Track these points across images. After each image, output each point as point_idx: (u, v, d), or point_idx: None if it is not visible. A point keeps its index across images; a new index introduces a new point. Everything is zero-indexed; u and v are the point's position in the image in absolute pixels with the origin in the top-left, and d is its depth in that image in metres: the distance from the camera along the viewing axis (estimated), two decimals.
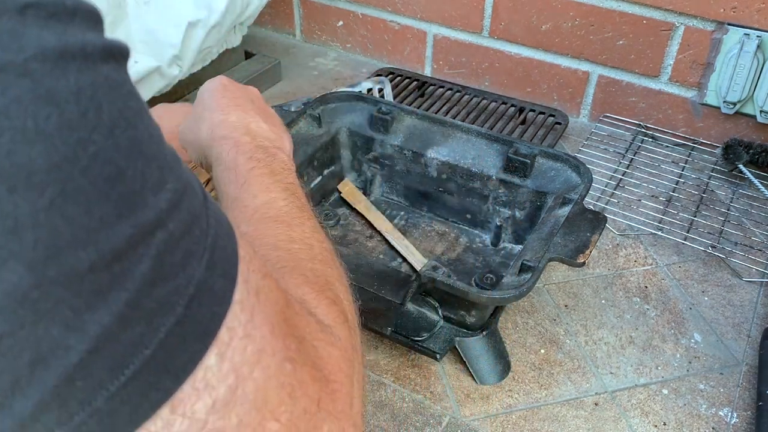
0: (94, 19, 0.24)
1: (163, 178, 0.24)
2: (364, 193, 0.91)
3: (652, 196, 0.96)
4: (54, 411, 0.21)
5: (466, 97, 1.16)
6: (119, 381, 0.22)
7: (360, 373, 0.36)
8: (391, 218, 0.88)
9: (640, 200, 0.95)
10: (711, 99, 1.02)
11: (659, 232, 0.89)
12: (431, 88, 1.19)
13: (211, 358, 0.25)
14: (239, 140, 0.49)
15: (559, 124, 1.10)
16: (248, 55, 1.23)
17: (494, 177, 0.81)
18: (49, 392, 0.21)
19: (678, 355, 0.74)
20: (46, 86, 0.21)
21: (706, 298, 0.81)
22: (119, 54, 0.24)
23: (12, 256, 0.20)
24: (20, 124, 0.20)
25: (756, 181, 0.96)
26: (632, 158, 1.03)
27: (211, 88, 0.57)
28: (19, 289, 0.20)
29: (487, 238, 0.85)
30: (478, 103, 1.14)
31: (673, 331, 0.77)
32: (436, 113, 1.09)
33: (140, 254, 0.22)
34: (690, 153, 1.04)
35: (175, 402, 0.24)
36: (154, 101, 1.04)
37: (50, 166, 0.21)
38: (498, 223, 0.84)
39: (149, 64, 0.95)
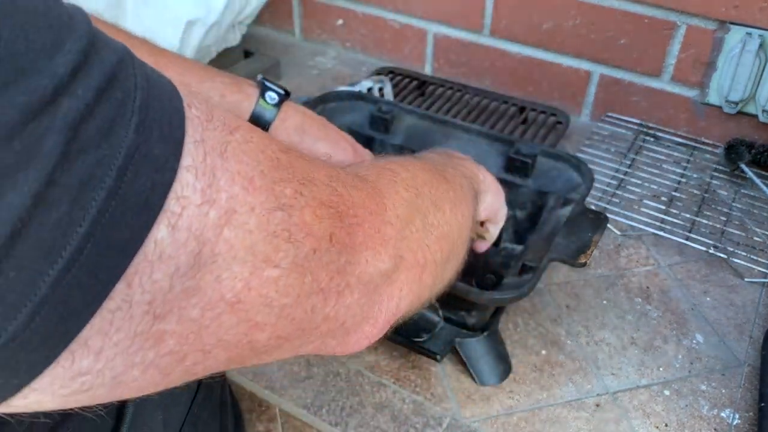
0: None
1: (59, 38, 0.21)
2: None
3: (654, 195, 0.95)
4: None
5: (467, 96, 1.16)
6: (58, 264, 0.21)
7: (423, 224, 0.37)
8: None
9: (641, 200, 0.94)
10: (713, 98, 1.02)
11: (661, 232, 0.89)
12: (431, 87, 1.18)
13: (161, 230, 0.23)
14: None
15: (561, 123, 1.09)
16: (247, 54, 1.23)
17: (495, 177, 0.81)
18: None
19: (680, 356, 0.74)
20: None
21: (708, 299, 0.81)
22: None
23: None
24: None
25: (758, 181, 0.95)
26: (634, 158, 1.02)
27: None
28: None
29: None
30: (479, 103, 1.14)
31: (674, 331, 0.76)
32: (436, 113, 1.08)
33: (44, 127, 0.20)
34: (692, 152, 1.04)
35: (127, 276, 0.23)
36: None
37: None
38: None
39: None
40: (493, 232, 0.67)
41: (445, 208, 0.43)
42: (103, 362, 0.23)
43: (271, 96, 0.64)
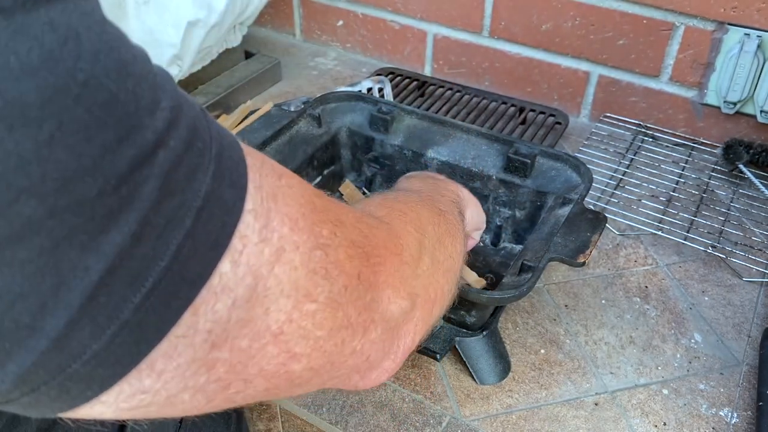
0: None
1: (156, 97, 0.24)
2: (364, 194, 0.91)
3: (653, 195, 0.96)
4: (86, 327, 0.23)
5: (466, 96, 1.16)
6: (141, 293, 0.24)
7: (430, 264, 0.41)
8: None
9: (640, 200, 0.95)
10: (711, 99, 1.02)
11: (659, 232, 0.89)
12: (431, 87, 1.19)
13: (225, 265, 0.26)
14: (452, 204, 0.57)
15: (560, 123, 1.09)
16: (248, 55, 1.23)
17: (494, 177, 0.81)
18: (76, 311, 0.22)
19: (678, 355, 0.74)
20: (18, 21, 0.21)
21: (706, 298, 0.81)
22: None
23: (23, 191, 0.21)
24: (3, 62, 0.20)
25: (756, 181, 0.96)
26: (632, 158, 1.03)
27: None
28: (34, 220, 0.21)
29: (487, 238, 0.85)
30: (478, 103, 1.14)
31: (673, 331, 0.77)
32: (436, 113, 1.09)
33: (145, 175, 0.23)
34: (690, 153, 1.04)
35: (195, 306, 0.25)
36: None
37: (43, 100, 0.21)
38: (498, 223, 0.84)
39: None
40: (477, 237, 0.70)
41: (447, 243, 0.47)
42: (162, 383, 0.26)
43: None
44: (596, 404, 0.69)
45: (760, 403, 0.67)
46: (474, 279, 0.71)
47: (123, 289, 0.23)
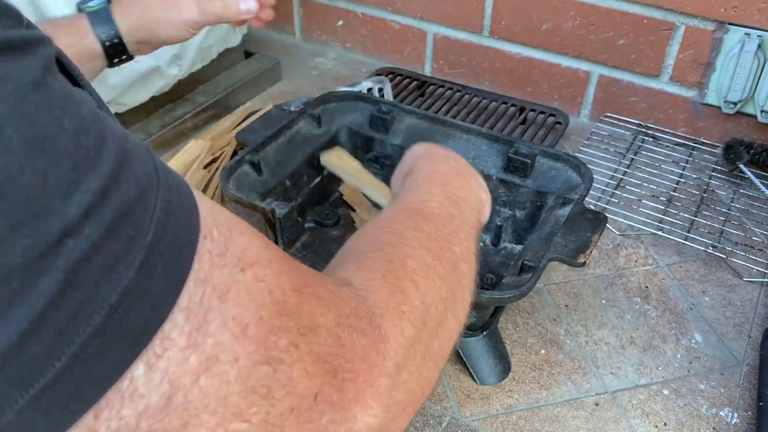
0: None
1: (79, 176, 0.22)
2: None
3: (653, 195, 0.96)
4: None
5: (467, 96, 1.16)
6: (28, 394, 0.21)
7: (418, 366, 0.34)
8: None
9: (640, 200, 0.95)
10: (712, 99, 1.02)
11: (660, 232, 0.89)
12: (431, 87, 1.19)
13: (139, 368, 0.23)
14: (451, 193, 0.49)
15: (560, 123, 1.09)
16: (248, 55, 1.23)
17: (494, 177, 0.81)
18: None
19: (679, 356, 0.74)
20: None
21: (706, 298, 0.81)
22: (20, 43, 0.22)
23: None
24: None
25: (757, 181, 0.95)
26: (633, 158, 1.02)
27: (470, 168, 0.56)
28: None
29: (488, 238, 0.85)
30: (479, 103, 1.14)
31: (673, 331, 0.77)
32: (436, 113, 1.09)
33: (45, 267, 0.21)
34: (691, 153, 1.04)
35: (98, 410, 0.23)
36: (154, 100, 1.04)
37: None
38: (498, 223, 0.83)
39: (149, 63, 0.95)
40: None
41: (450, 321, 0.40)
42: None
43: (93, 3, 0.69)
44: (597, 404, 0.69)
45: (761, 404, 0.67)
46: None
47: (8, 388, 0.21)
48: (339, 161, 0.82)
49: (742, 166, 0.97)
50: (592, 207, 0.89)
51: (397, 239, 0.39)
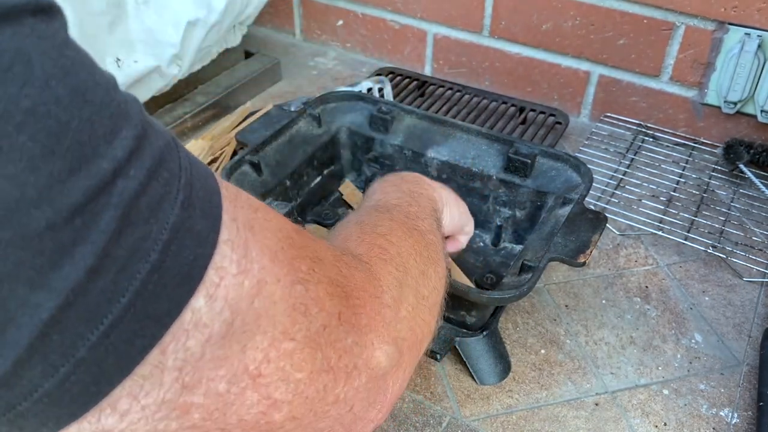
0: None
1: (117, 125, 0.23)
2: (364, 193, 0.91)
3: (653, 195, 0.96)
4: (36, 366, 0.22)
5: (466, 96, 1.16)
6: (99, 330, 0.22)
7: (410, 305, 0.38)
8: None
9: (640, 200, 0.95)
10: (712, 99, 1.02)
11: (660, 232, 0.89)
12: (431, 87, 1.19)
13: (199, 300, 0.25)
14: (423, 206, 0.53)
15: (560, 123, 1.09)
16: (248, 55, 1.23)
17: (494, 177, 0.81)
18: (25, 349, 0.21)
19: (679, 356, 0.74)
20: None
21: (706, 298, 0.81)
22: (47, 7, 0.23)
23: None
24: None
25: (757, 181, 0.96)
26: (633, 158, 1.02)
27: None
28: None
29: (488, 238, 0.85)
30: (479, 103, 1.14)
31: (673, 331, 0.77)
32: (436, 113, 1.09)
33: (102, 205, 0.22)
34: (691, 153, 1.04)
35: (163, 345, 0.24)
36: (154, 100, 1.04)
37: None
38: (498, 223, 0.83)
39: (149, 63, 0.95)
40: (464, 241, 0.68)
41: (431, 273, 0.44)
42: (126, 424, 0.24)
43: None
44: (597, 404, 0.69)
45: (761, 404, 0.67)
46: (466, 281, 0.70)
47: (78, 326, 0.22)
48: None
49: (742, 166, 0.97)
50: (592, 207, 0.89)
51: (364, 221, 0.44)
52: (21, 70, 0.21)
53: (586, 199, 0.77)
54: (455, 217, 0.61)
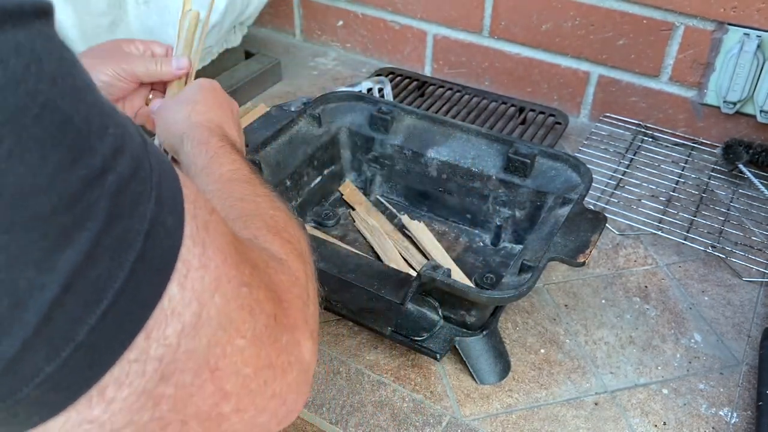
0: None
1: (104, 123, 0.25)
2: (364, 193, 0.91)
3: (652, 195, 0.96)
4: (41, 348, 0.23)
5: (466, 96, 1.16)
6: (96, 314, 0.24)
7: (314, 297, 0.41)
8: (391, 218, 0.88)
9: (640, 200, 0.95)
10: (711, 99, 1.02)
11: (659, 232, 0.89)
12: (431, 87, 1.19)
13: (173, 288, 0.26)
14: (213, 129, 0.57)
15: (559, 123, 1.09)
16: (248, 55, 1.23)
17: (494, 177, 0.82)
18: (32, 330, 0.22)
19: (678, 355, 0.74)
20: None
21: (706, 298, 0.81)
22: (48, 9, 0.25)
23: None
24: None
25: (756, 181, 0.96)
26: (632, 158, 1.03)
27: (204, 85, 0.64)
28: None
29: (487, 237, 0.85)
30: (478, 103, 1.14)
31: (673, 331, 0.77)
32: (436, 113, 1.09)
33: (96, 195, 0.24)
34: (690, 153, 1.04)
35: (147, 329, 0.26)
36: None
37: (5, 118, 0.22)
38: (498, 223, 0.84)
39: None
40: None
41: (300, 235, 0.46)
42: (109, 414, 0.26)
43: None
44: (596, 404, 0.69)
45: (760, 403, 0.67)
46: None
47: (79, 309, 0.23)
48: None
49: (741, 166, 0.97)
50: (592, 207, 0.90)
51: (253, 206, 0.46)
52: (35, 68, 0.23)
53: (586, 199, 0.77)
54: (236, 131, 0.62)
